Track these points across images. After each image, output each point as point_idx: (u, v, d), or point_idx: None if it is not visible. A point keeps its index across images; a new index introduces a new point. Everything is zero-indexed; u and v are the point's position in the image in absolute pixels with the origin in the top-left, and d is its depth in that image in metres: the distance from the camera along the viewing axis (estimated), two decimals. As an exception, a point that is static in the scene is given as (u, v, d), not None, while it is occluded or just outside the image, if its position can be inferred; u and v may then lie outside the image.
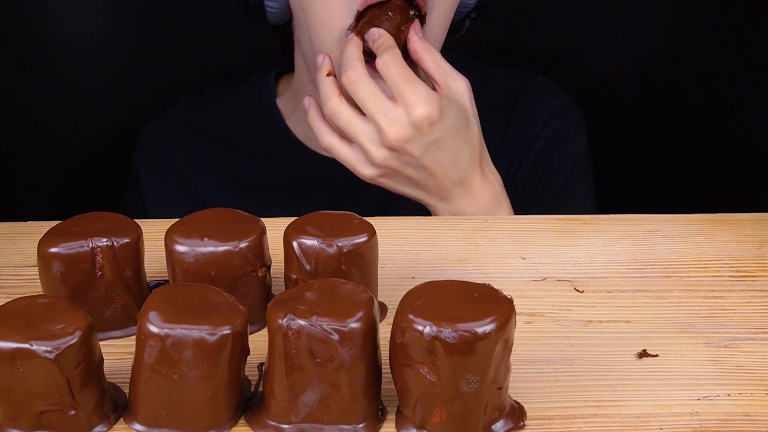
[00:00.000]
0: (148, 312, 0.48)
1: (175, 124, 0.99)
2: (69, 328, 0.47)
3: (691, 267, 0.66)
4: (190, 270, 0.56)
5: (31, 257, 0.65)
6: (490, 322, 0.46)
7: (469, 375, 0.47)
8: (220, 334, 0.48)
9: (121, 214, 0.60)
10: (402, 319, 0.47)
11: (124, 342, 0.58)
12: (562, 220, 0.72)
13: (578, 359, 0.56)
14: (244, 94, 0.99)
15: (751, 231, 0.70)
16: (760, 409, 0.52)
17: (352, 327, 0.48)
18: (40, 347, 0.47)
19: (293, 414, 0.49)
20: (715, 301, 0.62)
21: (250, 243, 0.57)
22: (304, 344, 0.48)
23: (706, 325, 0.59)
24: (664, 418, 0.51)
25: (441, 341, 0.46)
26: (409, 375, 0.48)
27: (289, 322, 0.48)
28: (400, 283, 0.64)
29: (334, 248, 0.56)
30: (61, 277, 0.56)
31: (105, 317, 0.58)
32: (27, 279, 0.65)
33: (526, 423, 0.51)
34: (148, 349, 0.48)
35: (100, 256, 0.56)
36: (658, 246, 0.68)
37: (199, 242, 0.56)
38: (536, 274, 0.65)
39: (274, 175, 0.95)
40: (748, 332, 0.59)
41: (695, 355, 0.56)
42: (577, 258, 0.67)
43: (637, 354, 0.57)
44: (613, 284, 0.64)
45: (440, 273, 0.65)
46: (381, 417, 0.51)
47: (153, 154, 0.98)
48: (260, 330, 0.59)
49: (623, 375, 0.55)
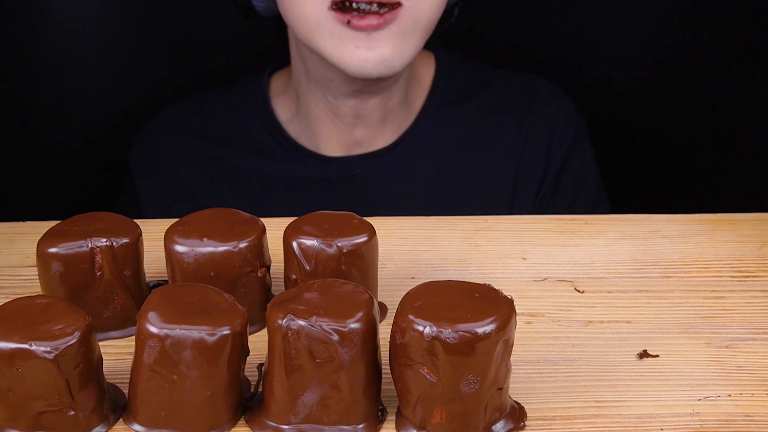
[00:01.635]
0: (148, 312, 0.48)
1: (169, 125, 0.99)
2: (68, 329, 0.47)
3: (691, 267, 0.66)
4: (189, 270, 0.56)
5: (30, 257, 0.65)
6: (491, 323, 0.46)
7: (469, 375, 0.47)
8: (220, 334, 0.48)
9: (120, 215, 0.60)
10: (402, 320, 0.47)
11: (124, 342, 0.58)
12: (563, 220, 0.72)
13: (579, 360, 0.56)
14: (238, 94, 0.99)
15: (752, 231, 0.70)
16: (761, 410, 0.52)
17: (352, 327, 0.48)
18: (39, 348, 0.46)
19: (293, 414, 0.49)
20: (716, 302, 0.62)
21: (250, 243, 0.57)
22: (303, 345, 0.48)
23: (707, 326, 0.59)
24: (664, 418, 0.51)
25: (441, 342, 0.46)
26: (410, 375, 0.48)
27: (289, 323, 0.47)
28: (400, 283, 0.63)
29: (334, 248, 0.56)
30: (60, 277, 0.56)
31: (104, 317, 0.58)
32: (26, 279, 0.65)
33: (526, 423, 0.51)
34: (147, 349, 0.48)
35: (99, 256, 0.56)
36: (659, 246, 0.68)
37: (199, 242, 0.56)
38: (537, 275, 0.65)
39: (270, 175, 0.95)
40: (749, 332, 0.59)
41: (696, 356, 0.56)
42: (577, 258, 0.67)
43: (637, 354, 0.56)
44: (613, 284, 0.64)
45: (440, 273, 0.65)
46: (381, 418, 0.51)
47: (147, 156, 0.98)
48: (260, 330, 0.58)
49: (624, 375, 0.55)
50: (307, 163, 0.94)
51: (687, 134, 1.15)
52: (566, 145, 0.95)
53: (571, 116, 0.97)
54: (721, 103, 1.12)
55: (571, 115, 0.97)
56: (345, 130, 0.92)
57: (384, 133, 0.93)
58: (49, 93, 1.12)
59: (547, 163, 0.95)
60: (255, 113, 0.97)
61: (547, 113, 0.96)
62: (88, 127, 1.15)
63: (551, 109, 0.96)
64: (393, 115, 0.93)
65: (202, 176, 0.97)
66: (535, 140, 0.95)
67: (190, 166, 0.97)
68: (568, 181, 0.95)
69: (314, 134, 0.94)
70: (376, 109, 0.91)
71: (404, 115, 0.94)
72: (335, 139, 0.93)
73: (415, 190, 0.94)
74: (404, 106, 0.94)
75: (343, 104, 0.90)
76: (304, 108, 0.93)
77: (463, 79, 0.97)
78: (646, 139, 1.17)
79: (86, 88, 1.13)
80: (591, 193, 0.97)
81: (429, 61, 0.97)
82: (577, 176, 0.96)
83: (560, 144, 0.95)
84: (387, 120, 0.93)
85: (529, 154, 0.95)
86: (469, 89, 0.97)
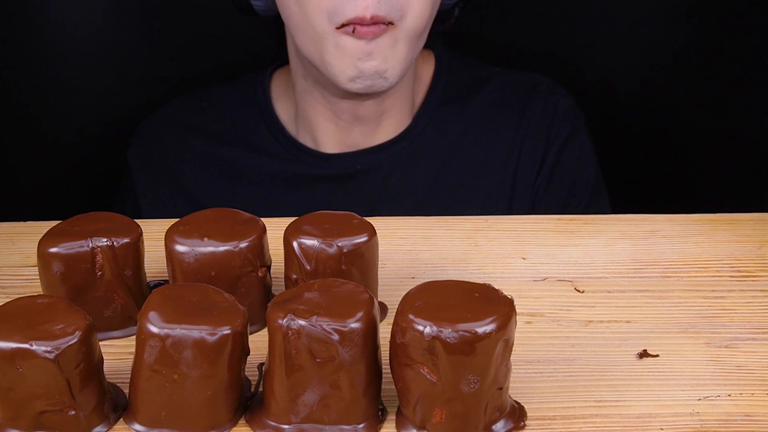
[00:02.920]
0: (148, 312, 0.48)
1: (169, 122, 0.99)
2: (69, 329, 0.47)
3: (691, 267, 0.66)
4: (190, 270, 0.56)
5: (31, 257, 0.65)
6: (491, 323, 0.46)
7: (469, 375, 0.47)
8: (220, 334, 0.48)
9: (121, 214, 0.60)
10: (402, 319, 0.47)
11: (124, 342, 0.58)
12: (563, 220, 0.72)
13: (579, 359, 0.56)
14: (239, 92, 0.99)
15: (751, 231, 0.70)
16: (761, 410, 0.52)
17: (352, 327, 0.48)
18: (40, 347, 0.46)
19: (293, 414, 0.49)
20: (715, 301, 0.62)
21: (250, 243, 0.57)
22: (304, 344, 0.48)
23: (707, 325, 0.59)
24: (664, 418, 0.51)
25: (441, 341, 0.46)
26: (410, 375, 0.48)
27: (289, 322, 0.48)
28: (400, 283, 0.64)
29: (334, 248, 0.56)
30: (60, 277, 0.56)
31: (105, 317, 0.58)
32: (27, 279, 0.65)
33: (526, 423, 0.51)
34: (148, 349, 0.48)
35: (100, 256, 0.56)
36: (659, 246, 0.68)
37: (199, 242, 0.56)
38: (536, 274, 0.65)
39: (270, 173, 0.95)
40: (748, 332, 0.59)
41: (696, 356, 0.56)
42: (577, 258, 0.67)
43: (637, 354, 0.56)
44: (613, 284, 0.64)
45: (440, 273, 0.65)
46: (381, 417, 0.51)
47: (146, 153, 0.98)
48: (260, 330, 0.58)
49: (624, 375, 0.55)
50: (307, 161, 0.94)
51: (687, 134, 1.15)
52: (562, 139, 0.96)
53: (569, 111, 0.97)
54: (721, 103, 1.12)
55: (569, 110, 0.97)
56: (344, 128, 0.93)
57: (383, 130, 0.94)
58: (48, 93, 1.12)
59: (543, 158, 0.96)
60: (256, 111, 0.97)
61: (545, 108, 0.96)
62: (88, 127, 1.15)
63: (549, 104, 0.96)
64: (392, 112, 0.93)
65: (201, 173, 0.96)
66: (533, 135, 0.95)
67: (189, 163, 0.97)
68: (563, 175, 0.95)
69: (313, 132, 0.94)
70: (373, 109, 0.91)
71: (404, 111, 0.94)
72: (334, 137, 0.93)
73: (415, 186, 0.94)
74: (404, 103, 0.94)
75: (341, 104, 0.90)
76: (302, 107, 0.94)
77: (463, 77, 0.97)
78: (645, 139, 1.17)
79: (86, 87, 1.13)
80: (587, 188, 0.97)
81: (429, 59, 0.97)
82: (572, 169, 0.96)
83: (556, 137, 0.96)
84: (385, 117, 0.93)
85: (528, 149, 0.95)
86: (469, 87, 0.97)
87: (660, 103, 1.16)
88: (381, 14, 0.79)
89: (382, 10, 0.79)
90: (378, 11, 0.79)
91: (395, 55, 0.83)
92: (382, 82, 0.83)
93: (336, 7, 0.80)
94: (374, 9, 0.79)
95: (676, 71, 1.14)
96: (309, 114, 0.93)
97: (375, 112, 0.91)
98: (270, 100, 0.97)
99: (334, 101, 0.90)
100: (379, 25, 0.80)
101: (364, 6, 0.79)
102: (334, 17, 0.80)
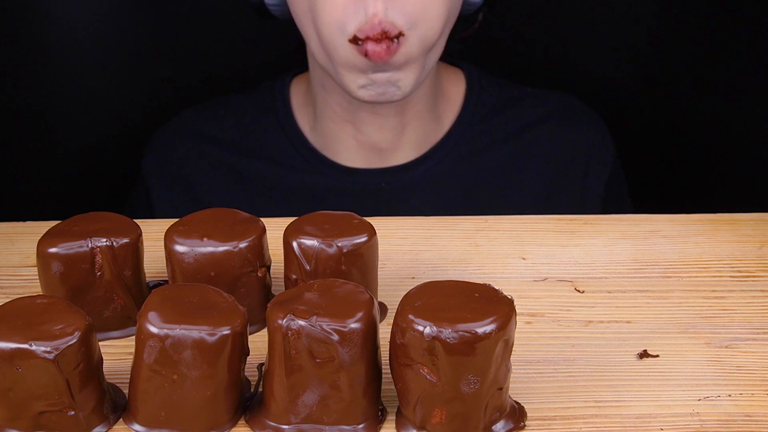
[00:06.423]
0: (148, 312, 0.48)
1: (185, 131, 0.97)
2: (68, 329, 0.47)
3: (691, 267, 0.66)
4: (189, 270, 0.56)
5: (31, 257, 0.65)
6: (491, 323, 0.46)
7: (469, 375, 0.47)
8: (220, 334, 0.48)
9: (120, 214, 0.59)
10: (402, 320, 0.47)
11: (124, 342, 0.58)
12: (563, 220, 0.72)
13: (579, 359, 0.56)
14: (258, 101, 0.97)
15: (752, 231, 0.70)
16: (761, 410, 0.52)
17: (352, 327, 0.48)
18: (39, 347, 0.46)
19: (293, 414, 0.49)
20: (715, 302, 0.62)
21: (250, 243, 0.57)
22: (304, 344, 0.48)
23: (707, 326, 0.59)
24: (664, 418, 0.51)
25: (441, 341, 0.46)
26: (410, 375, 0.48)
27: (289, 323, 0.47)
28: (400, 283, 0.63)
29: (334, 248, 0.56)
30: (60, 277, 0.56)
31: (104, 317, 0.58)
32: (26, 279, 0.65)
33: (526, 423, 0.51)
34: (147, 349, 0.48)
35: (99, 256, 0.56)
36: (659, 246, 0.68)
37: (199, 242, 0.56)
38: (536, 275, 0.65)
39: (290, 185, 0.93)
40: (748, 332, 0.59)
41: (696, 356, 0.56)
42: (577, 258, 0.67)
43: (637, 354, 0.56)
44: (613, 284, 0.64)
45: (440, 273, 0.65)
46: (381, 417, 0.51)
47: (161, 163, 0.96)
48: (260, 330, 0.58)
49: (624, 375, 0.55)
50: (330, 174, 0.92)
51: (687, 134, 1.15)
52: (607, 171, 0.95)
53: (606, 139, 0.96)
54: (721, 103, 1.12)
55: (605, 138, 0.96)
56: (364, 143, 0.91)
57: (406, 145, 0.92)
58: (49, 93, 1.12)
59: (584, 187, 0.94)
60: (275, 121, 0.95)
61: (583, 136, 0.95)
62: (88, 127, 1.15)
63: (586, 132, 0.95)
64: (415, 124, 0.91)
65: (217, 185, 0.94)
66: (569, 161, 0.94)
67: (206, 174, 0.95)
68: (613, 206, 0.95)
69: (334, 143, 0.92)
70: (393, 121, 0.89)
71: (431, 129, 0.93)
72: (355, 152, 0.92)
73: (439, 205, 0.92)
74: (430, 121, 0.92)
75: (358, 113, 0.89)
76: (321, 115, 0.92)
77: (494, 97, 0.96)
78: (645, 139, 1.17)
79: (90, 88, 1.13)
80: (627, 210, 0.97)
81: (458, 79, 0.96)
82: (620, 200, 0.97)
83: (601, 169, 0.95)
84: (408, 129, 0.91)
85: (563, 174, 0.94)
86: (501, 106, 0.95)
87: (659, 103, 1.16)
88: (389, 20, 0.77)
89: (390, 17, 0.77)
90: (386, 17, 0.77)
91: (408, 66, 0.81)
92: (395, 90, 0.81)
93: (345, 16, 0.78)
94: (382, 16, 0.77)
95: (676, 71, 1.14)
96: (328, 122, 0.91)
97: (396, 124, 0.90)
98: (291, 110, 0.95)
99: (352, 110, 0.89)
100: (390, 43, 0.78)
101: (372, 13, 0.77)
102: (345, 28, 0.78)
